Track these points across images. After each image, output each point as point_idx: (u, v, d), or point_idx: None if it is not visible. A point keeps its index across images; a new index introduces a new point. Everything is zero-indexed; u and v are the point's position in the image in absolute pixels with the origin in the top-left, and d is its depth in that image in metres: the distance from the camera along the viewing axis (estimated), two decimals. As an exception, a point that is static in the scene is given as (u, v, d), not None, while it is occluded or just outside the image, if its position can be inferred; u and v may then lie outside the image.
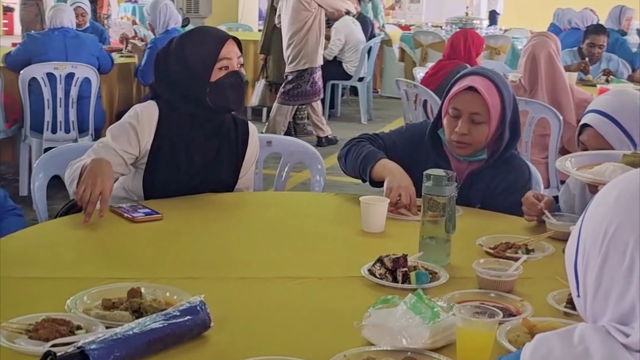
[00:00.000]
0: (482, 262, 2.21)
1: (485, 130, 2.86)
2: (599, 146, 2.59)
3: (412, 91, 5.58)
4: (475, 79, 2.88)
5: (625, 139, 2.56)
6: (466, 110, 2.85)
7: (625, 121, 2.56)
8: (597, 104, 2.65)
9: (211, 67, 2.84)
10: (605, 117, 2.58)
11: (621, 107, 2.59)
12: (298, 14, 7.75)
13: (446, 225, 2.33)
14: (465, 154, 2.91)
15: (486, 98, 2.83)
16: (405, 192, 2.78)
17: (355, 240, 2.56)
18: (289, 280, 2.17)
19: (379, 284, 2.14)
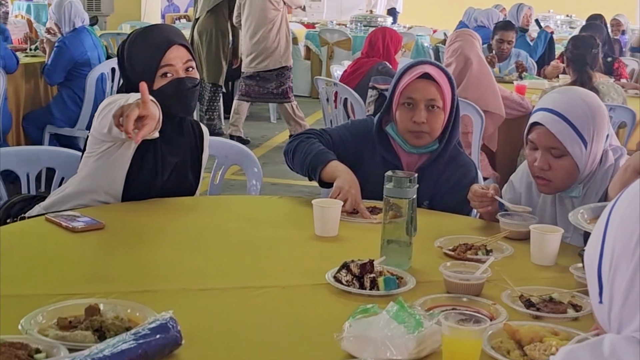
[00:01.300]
0: (449, 265, 2.16)
1: (441, 117, 2.87)
2: (549, 144, 2.57)
3: (331, 89, 5.52)
4: (426, 67, 2.90)
5: (576, 137, 2.54)
6: (422, 98, 2.85)
7: (576, 119, 2.54)
8: (547, 102, 2.63)
9: (153, 74, 2.72)
10: (556, 115, 2.56)
11: (572, 105, 2.57)
12: (268, 13, 7.80)
13: (407, 228, 2.27)
14: (422, 143, 2.90)
15: (440, 84, 2.84)
16: (351, 199, 2.74)
17: (311, 245, 2.48)
18: (251, 290, 2.06)
19: (346, 291, 2.06)
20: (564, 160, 2.57)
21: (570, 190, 2.63)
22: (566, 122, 2.54)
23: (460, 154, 3.01)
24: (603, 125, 2.60)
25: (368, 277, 2.07)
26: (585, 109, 2.57)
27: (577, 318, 1.96)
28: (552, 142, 2.56)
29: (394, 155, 2.94)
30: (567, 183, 2.62)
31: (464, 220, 2.81)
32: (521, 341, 1.76)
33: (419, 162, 2.94)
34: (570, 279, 2.21)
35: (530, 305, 2.01)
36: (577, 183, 2.62)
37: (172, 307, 1.77)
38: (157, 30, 2.85)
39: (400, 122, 2.91)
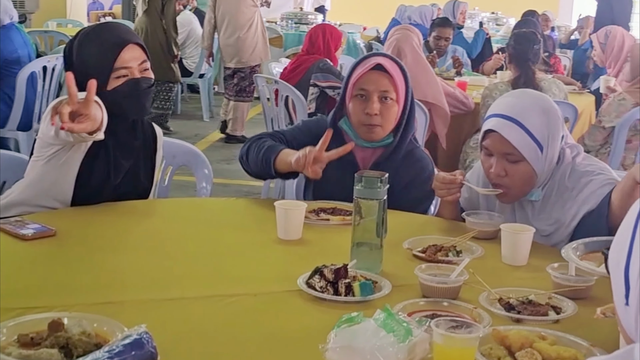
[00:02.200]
0: (424, 268, 2.09)
1: (394, 109, 2.82)
2: (504, 150, 2.52)
3: (271, 87, 5.42)
4: (381, 58, 2.85)
5: (532, 142, 2.49)
6: (375, 89, 2.79)
7: (531, 125, 2.49)
8: (499, 108, 2.57)
9: (107, 75, 2.59)
10: (509, 121, 2.50)
11: (525, 110, 2.52)
12: (247, 10, 7.84)
13: (378, 230, 2.19)
14: (376, 138, 2.84)
15: (394, 76, 2.80)
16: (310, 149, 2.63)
17: (275, 248, 2.38)
18: (222, 299, 1.95)
19: (321, 297, 1.97)
20: (521, 166, 2.52)
21: (530, 195, 2.58)
22: (521, 128, 2.49)
23: (416, 148, 2.95)
24: (558, 128, 2.55)
25: (343, 283, 1.99)
26: (539, 113, 2.52)
27: (558, 321, 1.91)
28: (507, 148, 2.51)
29: (351, 153, 2.86)
30: (525, 189, 2.56)
31: (427, 219, 2.76)
32: (511, 347, 1.70)
33: (374, 157, 2.88)
34: (545, 279, 2.16)
35: (510, 308, 1.95)
36: (536, 187, 2.57)
37: (140, 319, 1.67)
38: (110, 29, 2.72)
39: (353, 115, 2.85)
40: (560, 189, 2.56)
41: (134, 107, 2.65)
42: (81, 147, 2.56)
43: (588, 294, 2.08)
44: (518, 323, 1.89)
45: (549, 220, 2.54)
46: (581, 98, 5.96)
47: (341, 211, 2.71)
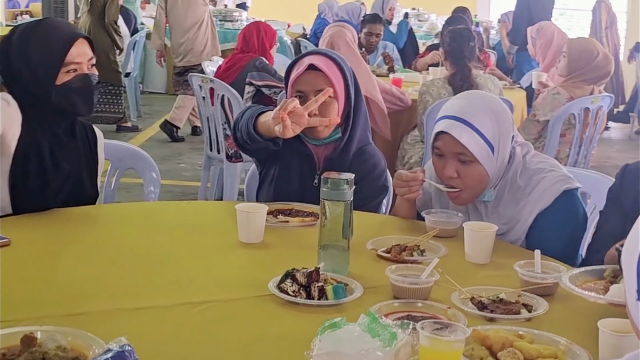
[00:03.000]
0: (394, 269, 2.08)
1: (335, 105, 2.79)
2: (456, 151, 2.52)
3: (206, 86, 5.36)
4: (314, 57, 2.83)
5: (483, 144, 2.50)
6: (311, 90, 2.76)
7: (481, 125, 2.50)
8: (450, 110, 2.57)
9: (57, 70, 2.52)
10: (460, 122, 2.51)
11: (475, 111, 2.53)
12: (198, 8, 7.97)
13: (344, 232, 2.18)
14: (322, 135, 2.81)
15: (328, 74, 2.78)
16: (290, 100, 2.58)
17: (239, 253, 2.35)
18: (192, 307, 1.91)
19: (293, 301, 1.95)
20: (473, 167, 2.52)
21: (483, 195, 2.59)
22: (472, 129, 2.50)
23: (368, 145, 2.94)
24: (508, 128, 2.57)
25: (316, 286, 1.97)
26: (489, 114, 2.54)
27: (530, 319, 1.92)
28: (459, 150, 2.52)
29: (307, 148, 2.86)
30: (478, 190, 2.57)
31: (385, 219, 2.76)
32: (492, 347, 1.70)
33: (326, 152, 2.87)
34: (510, 277, 2.18)
35: (483, 307, 1.96)
36: (489, 187, 2.58)
37: (111, 330, 1.64)
38: (55, 25, 2.66)
39: None
40: (512, 188, 2.58)
41: (84, 102, 2.60)
42: (6, 152, 2.50)
43: (555, 291, 2.10)
44: (492, 322, 1.89)
45: (502, 219, 2.56)
46: (513, 93, 6.05)
47: (299, 212, 2.69)
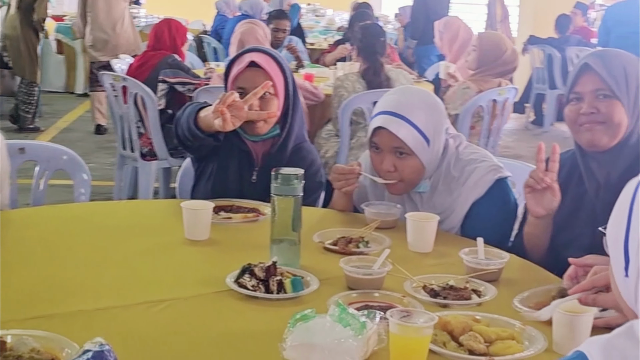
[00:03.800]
0: (347, 261, 2.13)
1: (275, 102, 2.84)
2: (393, 146, 2.60)
3: (119, 84, 5.30)
4: (254, 55, 2.87)
5: (418, 136, 2.59)
6: (252, 87, 2.79)
7: (416, 119, 2.59)
8: (386, 105, 2.65)
9: None
10: (397, 117, 2.59)
11: (410, 105, 2.62)
12: (119, 5, 7.98)
13: (295, 226, 2.22)
14: (261, 131, 2.85)
15: (269, 72, 2.82)
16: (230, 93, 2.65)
17: (187, 250, 2.36)
18: (153, 305, 1.93)
19: (252, 295, 1.98)
20: (409, 160, 2.60)
21: (418, 187, 2.68)
22: (408, 123, 2.58)
23: (305, 141, 3.01)
24: (442, 121, 2.67)
25: (274, 280, 2.01)
26: (424, 108, 2.63)
27: (480, 304, 2.01)
28: (397, 144, 2.59)
29: (245, 144, 2.89)
30: (415, 181, 2.65)
31: (325, 212, 2.81)
32: (453, 332, 1.78)
33: (264, 148, 2.91)
34: (453, 264, 2.27)
35: (435, 294, 2.04)
36: (424, 179, 2.67)
37: (77, 332, 1.66)
38: None
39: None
40: (446, 179, 2.67)
41: None
42: None
43: (499, 276, 2.20)
44: (445, 308, 1.97)
45: (437, 209, 2.64)
46: (421, 86, 6.18)
47: (240, 208, 2.72)
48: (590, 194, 2.44)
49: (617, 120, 2.37)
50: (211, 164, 2.93)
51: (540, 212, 2.39)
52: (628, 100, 2.37)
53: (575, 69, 2.45)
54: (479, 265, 2.20)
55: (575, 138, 2.46)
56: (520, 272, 2.28)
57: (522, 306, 1.97)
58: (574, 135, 2.47)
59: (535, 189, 2.36)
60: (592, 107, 2.38)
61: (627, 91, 2.37)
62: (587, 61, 2.40)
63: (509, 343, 1.75)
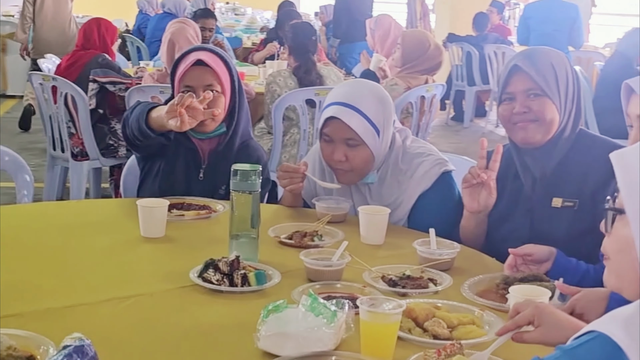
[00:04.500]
0: (306, 253, 2.19)
1: (222, 100, 2.88)
2: (345, 135, 2.67)
3: (48, 84, 5.24)
4: (201, 53, 2.91)
5: (369, 126, 2.66)
6: (199, 85, 2.84)
7: (367, 110, 2.67)
8: (338, 97, 2.72)
9: None
10: (348, 108, 2.66)
11: (361, 97, 2.69)
12: (66, 5, 8.10)
13: (253, 221, 2.27)
14: (208, 129, 2.88)
15: (216, 70, 2.86)
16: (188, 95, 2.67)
17: (145, 247, 2.39)
18: (120, 302, 1.95)
19: (217, 290, 2.03)
20: (360, 150, 2.68)
21: (366, 178, 2.75)
22: (359, 114, 2.66)
23: (251, 139, 3.05)
24: (391, 113, 2.76)
25: (239, 274, 2.05)
26: (375, 100, 2.71)
27: (437, 292, 2.09)
28: (348, 134, 2.66)
29: (192, 142, 2.92)
30: (365, 171, 2.72)
31: (276, 208, 2.85)
32: (417, 318, 1.85)
33: (210, 146, 2.94)
34: (405, 255, 2.35)
35: (394, 284, 2.11)
36: (373, 170, 2.75)
37: (48, 329, 1.67)
38: None
39: None
40: (394, 172, 2.75)
41: None
42: None
43: (452, 265, 2.28)
44: (405, 297, 2.04)
45: (385, 201, 2.72)
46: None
47: (191, 206, 2.75)
48: (527, 188, 2.54)
49: (549, 117, 2.48)
50: (158, 163, 2.95)
51: (475, 207, 2.48)
52: (558, 97, 2.49)
53: (505, 70, 2.56)
54: (432, 255, 2.28)
55: (510, 136, 2.57)
56: (470, 260, 2.37)
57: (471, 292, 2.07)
58: (509, 134, 2.57)
59: (472, 184, 2.45)
60: (524, 106, 2.49)
61: (557, 88, 2.49)
62: (516, 62, 2.51)
63: (471, 328, 1.83)
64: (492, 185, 2.45)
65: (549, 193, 2.51)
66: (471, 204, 2.49)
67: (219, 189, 2.92)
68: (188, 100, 2.59)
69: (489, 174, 2.45)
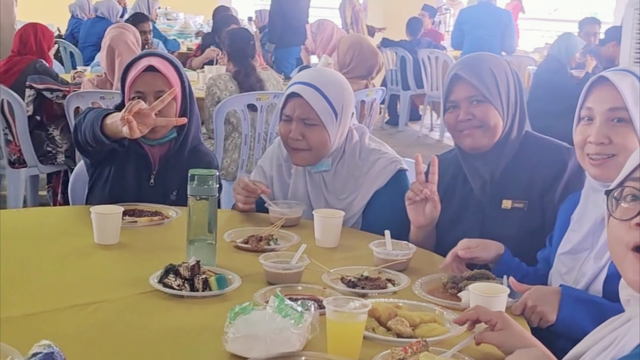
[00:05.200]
0: (265, 257, 2.20)
1: (173, 106, 2.88)
2: (304, 115, 2.72)
3: (-17, 91, 5.14)
4: (151, 59, 2.91)
5: (328, 107, 2.72)
6: (150, 91, 2.84)
7: (329, 92, 2.73)
8: (302, 78, 2.80)
9: None
10: (311, 87, 2.73)
11: (325, 80, 2.76)
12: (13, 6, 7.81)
13: (211, 226, 2.27)
14: (159, 135, 2.88)
15: (167, 75, 2.87)
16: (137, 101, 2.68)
17: (101, 254, 2.38)
18: (83, 308, 1.94)
19: (178, 295, 2.03)
20: (317, 130, 2.73)
21: (320, 165, 2.79)
22: (319, 93, 2.72)
23: (201, 143, 3.06)
24: (351, 102, 2.82)
25: (200, 279, 2.05)
26: (336, 84, 2.78)
27: (396, 292, 2.13)
28: (307, 112, 2.72)
29: (142, 148, 2.91)
30: (320, 152, 2.76)
31: (230, 213, 2.85)
32: (380, 318, 1.88)
33: (161, 152, 2.94)
34: (361, 257, 2.38)
35: (353, 285, 2.14)
36: (327, 156, 2.79)
37: (10, 338, 1.65)
38: None
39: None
40: (350, 165, 2.80)
41: None
42: None
43: (408, 266, 2.32)
44: (364, 297, 2.07)
45: (342, 193, 2.78)
46: (289, 88, 6.27)
47: (143, 212, 2.74)
48: (476, 191, 2.60)
49: (493, 122, 2.54)
50: (107, 169, 2.93)
51: (422, 221, 2.53)
52: (500, 102, 2.55)
53: (447, 78, 2.61)
54: (388, 256, 2.31)
55: (457, 143, 2.63)
56: (424, 261, 2.41)
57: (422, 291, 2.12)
58: (455, 140, 2.63)
59: (415, 201, 2.50)
60: (468, 113, 2.54)
61: (498, 94, 2.55)
62: (457, 71, 2.57)
63: (433, 325, 1.87)
64: (435, 198, 2.50)
65: (498, 195, 2.57)
66: (417, 218, 2.53)
67: (170, 194, 2.91)
68: (136, 107, 2.59)
69: (430, 187, 2.50)
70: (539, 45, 11.91)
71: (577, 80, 6.10)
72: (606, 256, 2.06)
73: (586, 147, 2.14)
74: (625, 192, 1.41)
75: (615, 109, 2.08)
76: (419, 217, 2.53)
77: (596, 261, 2.10)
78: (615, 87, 2.07)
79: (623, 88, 2.07)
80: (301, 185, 2.84)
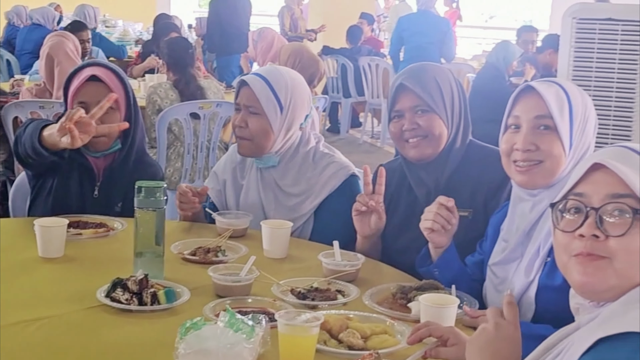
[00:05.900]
0: (214, 269, 2.18)
1: (116, 116, 2.85)
2: (249, 102, 2.76)
3: None
4: (94, 69, 2.88)
5: (272, 98, 2.75)
6: (93, 101, 2.79)
7: (276, 84, 2.76)
8: (258, 71, 2.89)
9: None
10: (259, 77, 2.78)
11: (276, 73, 2.81)
12: None
13: (158, 238, 2.25)
14: (103, 147, 2.85)
15: (110, 85, 2.84)
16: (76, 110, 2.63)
17: (45, 268, 2.34)
18: (28, 325, 1.90)
19: (127, 309, 2.00)
20: (259, 119, 2.75)
21: (268, 160, 2.81)
22: (266, 83, 2.76)
23: (146, 154, 3.04)
24: (302, 100, 2.82)
25: (148, 293, 2.03)
26: (287, 79, 2.81)
27: (346, 303, 2.12)
28: (251, 100, 2.76)
29: (86, 159, 2.87)
30: (262, 143, 2.78)
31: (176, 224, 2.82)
32: (331, 330, 1.88)
33: (105, 163, 2.90)
34: (310, 267, 2.38)
35: (303, 297, 2.13)
36: (274, 153, 2.80)
37: None
38: None
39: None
40: (304, 165, 2.83)
41: None
42: None
43: (357, 276, 2.33)
44: (314, 309, 2.07)
45: (294, 191, 2.80)
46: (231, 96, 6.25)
47: (87, 224, 2.70)
48: (421, 200, 2.61)
49: (437, 132, 2.57)
50: (50, 180, 2.88)
51: (367, 231, 2.56)
52: (445, 112, 2.58)
53: (392, 89, 2.64)
54: (337, 267, 2.31)
55: (402, 153, 2.65)
56: (373, 271, 2.41)
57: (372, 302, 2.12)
58: (400, 151, 2.65)
59: (361, 212, 2.52)
60: (413, 122, 2.57)
61: (442, 103, 2.57)
62: (402, 81, 2.59)
63: (384, 337, 1.88)
64: (380, 209, 2.52)
65: None
66: (363, 229, 2.55)
67: (115, 205, 2.88)
68: (77, 115, 2.55)
69: (376, 198, 2.52)
70: (477, 53, 12.05)
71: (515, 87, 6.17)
72: (535, 268, 2.10)
73: (513, 154, 2.18)
74: (568, 205, 1.45)
75: (541, 117, 2.14)
76: (364, 228, 2.54)
77: (527, 275, 2.12)
78: (541, 96, 2.13)
79: (548, 97, 2.13)
80: (253, 183, 2.85)
